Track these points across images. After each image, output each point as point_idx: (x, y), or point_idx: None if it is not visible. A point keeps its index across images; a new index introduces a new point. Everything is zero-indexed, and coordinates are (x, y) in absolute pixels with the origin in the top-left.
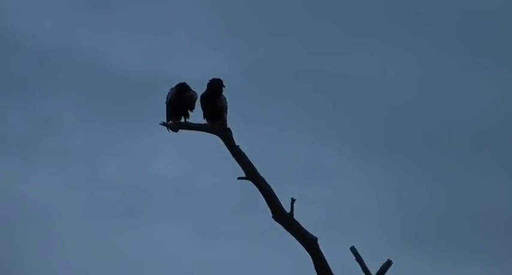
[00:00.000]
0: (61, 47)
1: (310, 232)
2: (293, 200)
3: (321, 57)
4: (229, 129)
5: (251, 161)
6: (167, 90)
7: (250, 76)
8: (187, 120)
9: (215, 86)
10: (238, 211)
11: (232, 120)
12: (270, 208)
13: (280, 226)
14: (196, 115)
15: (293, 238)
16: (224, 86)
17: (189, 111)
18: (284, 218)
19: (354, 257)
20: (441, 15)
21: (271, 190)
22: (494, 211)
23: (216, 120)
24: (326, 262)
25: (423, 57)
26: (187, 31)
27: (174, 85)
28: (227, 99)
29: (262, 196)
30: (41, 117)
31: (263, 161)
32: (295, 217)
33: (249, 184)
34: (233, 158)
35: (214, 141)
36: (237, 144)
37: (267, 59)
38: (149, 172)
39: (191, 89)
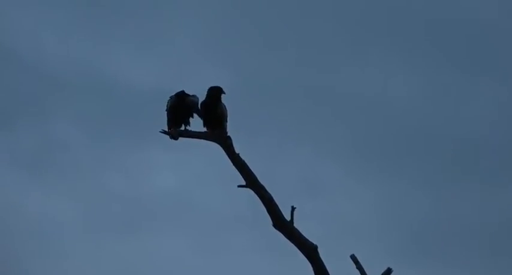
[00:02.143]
0: (65, 63)
1: None
2: (293, 208)
3: (321, 71)
4: (229, 137)
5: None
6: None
7: (250, 90)
8: (187, 128)
9: (214, 94)
10: (240, 222)
11: (232, 133)
12: (271, 216)
13: (281, 234)
14: (196, 123)
15: (293, 246)
16: (224, 93)
17: (189, 118)
18: (284, 227)
19: (354, 265)
20: (442, 30)
21: (272, 198)
22: (492, 221)
23: (216, 128)
24: (326, 269)
25: (422, 71)
26: (189, 46)
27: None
28: (227, 108)
29: (262, 205)
30: (46, 133)
31: (263, 175)
32: (294, 225)
33: (250, 193)
34: (233, 167)
35: (215, 150)
36: (237, 152)
37: (267, 73)
38: (151, 185)
39: (190, 95)
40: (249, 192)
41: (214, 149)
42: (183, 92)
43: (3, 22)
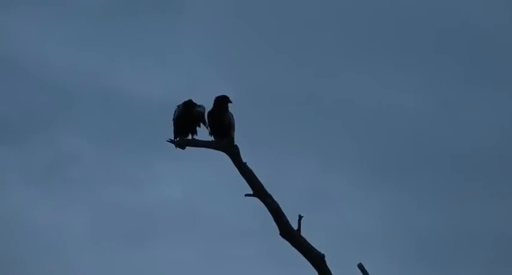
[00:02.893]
0: (72, 77)
1: None
2: (300, 217)
3: (326, 82)
4: (236, 146)
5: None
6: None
7: (257, 100)
8: (194, 137)
9: (221, 103)
10: (247, 231)
11: (239, 142)
12: (278, 225)
13: (288, 243)
14: (203, 132)
15: (301, 255)
16: (231, 102)
17: (196, 128)
18: (292, 236)
19: (362, 274)
20: (444, 39)
21: (279, 207)
22: (495, 231)
23: (223, 137)
24: None
25: (427, 82)
26: (195, 57)
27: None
28: (234, 117)
29: (270, 214)
30: (54, 147)
31: (269, 184)
32: (302, 234)
33: (257, 202)
34: (241, 176)
35: (222, 159)
36: (244, 161)
37: (274, 83)
38: (158, 196)
39: (197, 105)
40: (256, 201)
41: (222, 158)
42: (190, 101)
43: (10, 36)
